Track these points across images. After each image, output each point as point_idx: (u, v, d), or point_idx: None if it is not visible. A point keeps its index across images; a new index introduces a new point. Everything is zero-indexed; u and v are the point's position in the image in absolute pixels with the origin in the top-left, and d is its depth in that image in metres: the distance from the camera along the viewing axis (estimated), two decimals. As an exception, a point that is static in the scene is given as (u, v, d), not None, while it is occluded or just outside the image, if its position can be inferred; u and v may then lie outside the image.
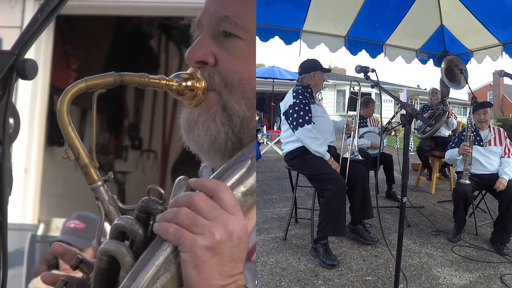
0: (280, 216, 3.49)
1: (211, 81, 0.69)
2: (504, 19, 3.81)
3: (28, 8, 3.01)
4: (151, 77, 0.68)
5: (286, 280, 2.26)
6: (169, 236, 0.57)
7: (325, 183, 2.50)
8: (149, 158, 3.49)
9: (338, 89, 17.49)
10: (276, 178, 5.40)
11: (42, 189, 3.09)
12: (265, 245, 2.77)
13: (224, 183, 0.61)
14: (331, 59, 42.78)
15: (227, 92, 0.68)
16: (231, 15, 0.68)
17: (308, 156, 2.63)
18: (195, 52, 0.69)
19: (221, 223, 0.58)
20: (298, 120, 2.62)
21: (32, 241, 2.55)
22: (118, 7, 3.02)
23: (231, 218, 0.58)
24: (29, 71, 0.56)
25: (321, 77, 2.88)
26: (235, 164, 0.64)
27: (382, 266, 2.46)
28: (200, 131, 0.69)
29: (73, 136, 0.66)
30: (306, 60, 2.96)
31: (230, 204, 0.59)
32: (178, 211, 0.58)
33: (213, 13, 0.69)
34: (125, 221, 0.63)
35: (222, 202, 0.59)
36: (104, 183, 0.68)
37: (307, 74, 2.86)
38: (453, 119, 4.63)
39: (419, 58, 5.07)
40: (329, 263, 2.41)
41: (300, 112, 2.63)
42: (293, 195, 3.02)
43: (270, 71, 10.53)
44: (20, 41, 0.57)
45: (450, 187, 4.71)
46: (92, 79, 0.65)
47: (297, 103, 2.65)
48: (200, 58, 0.69)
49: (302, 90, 2.74)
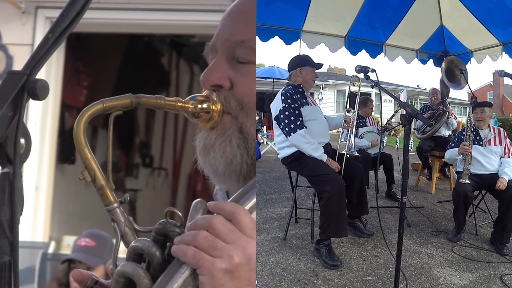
0: (280, 216, 3.49)
1: (227, 105, 0.70)
2: (504, 19, 3.81)
3: (39, 25, 3.02)
4: (167, 99, 0.68)
5: (286, 280, 2.26)
6: (187, 258, 0.58)
7: (323, 185, 2.48)
8: (160, 176, 3.51)
9: (338, 89, 17.50)
10: (276, 178, 5.40)
11: (53, 207, 3.10)
12: (265, 245, 2.77)
13: (243, 207, 0.61)
14: (331, 59, 42.77)
15: (243, 115, 0.69)
16: (246, 40, 0.69)
17: (306, 159, 2.60)
18: (211, 76, 0.70)
19: (240, 247, 0.58)
20: (290, 125, 2.54)
21: (43, 259, 2.58)
22: (129, 25, 3.02)
23: (249, 242, 0.59)
24: (40, 91, 0.56)
25: (310, 73, 2.73)
26: (252, 188, 0.65)
27: (382, 266, 2.46)
28: (216, 153, 0.70)
29: (90, 157, 0.66)
30: (294, 56, 2.86)
31: (248, 228, 0.60)
32: (197, 233, 0.59)
33: (227, 37, 0.70)
34: (142, 243, 0.64)
35: (241, 226, 0.59)
36: (120, 205, 0.68)
37: (294, 71, 2.75)
38: (453, 119, 4.63)
39: (419, 58, 5.07)
40: (332, 263, 2.41)
41: (291, 117, 2.54)
42: (293, 195, 3.02)
43: (270, 71, 10.52)
44: (31, 61, 0.57)
45: (450, 187, 4.71)
46: (108, 101, 0.65)
47: (287, 107, 2.56)
48: (216, 82, 0.70)
49: (291, 91, 2.64)
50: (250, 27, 0.70)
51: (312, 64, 2.76)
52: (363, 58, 8.06)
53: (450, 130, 4.72)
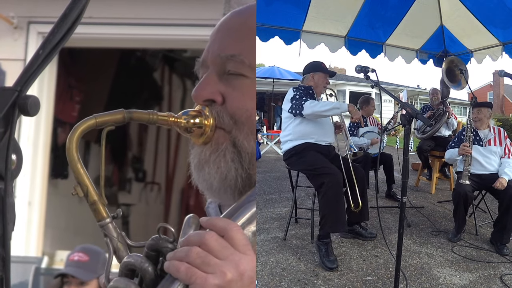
0: (280, 216, 3.49)
1: (220, 120, 0.70)
2: (504, 19, 3.81)
3: (31, 40, 3.01)
4: (159, 114, 0.68)
5: (286, 280, 2.26)
6: (180, 274, 0.58)
7: (321, 177, 2.51)
8: (152, 190, 3.51)
9: (338, 89, 17.49)
10: (276, 178, 5.40)
11: (46, 222, 3.09)
12: (265, 245, 2.77)
13: (235, 223, 0.62)
14: (331, 59, 42.74)
15: (236, 129, 0.69)
16: (237, 54, 0.69)
17: (305, 153, 2.66)
18: (202, 91, 0.70)
19: (233, 263, 0.58)
20: (300, 102, 2.62)
21: (36, 274, 2.57)
22: (121, 40, 3.01)
23: (242, 258, 0.59)
24: (31, 108, 0.56)
25: (321, 79, 2.86)
26: (245, 204, 0.65)
27: (382, 266, 2.46)
28: (211, 169, 0.69)
29: (82, 172, 0.66)
30: (309, 62, 2.97)
31: (241, 244, 0.60)
32: (190, 250, 0.59)
33: (217, 52, 0.70)
34: (135, 259, 0.64)
35: (234, 242, 0.59)
36: (112, 220, 0.68)
37: (307, 75, 2.89)
38: (453, 120, 4.63)
39: (419, 58, 5.06)
40: (329, 265, 2.39)
41: (302, 97, 2.66)
42: (293, 195, 3.02)
43: (270, 71, 10.52)
44: (23, 77, 0.57)
45: (450, 187, 4.71)
46: (101, 116, 0.65)
47: (299, 94, 2.70)
48: (208, 97, 0.70)
49: (302, 89, 2.77)
50: (240, 41, 0.69)
51: (324, 71, 2.89)
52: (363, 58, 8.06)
53: (450, 130, 4.72)
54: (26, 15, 2.98)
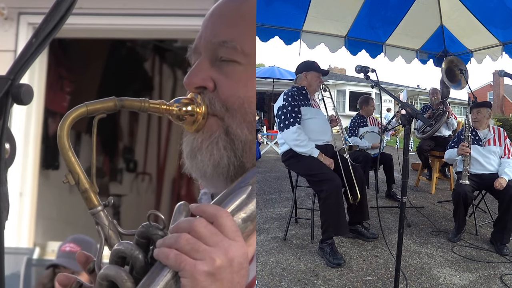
0: (280, 216, 3.49)
1: (212, 107, 0.69)
2: (504, 19, 3.81)
3: (21, 31, 2.99)
4: (151, 102, 0.68)
5: (286, 280, 2.26)
6: (169, 261, 0.58)
7: (320, 184, 2.53)
8: (144, 181, 3.49)
9: (338, 89, 17.50)
10: (276, 178, 5.40)
11: (38, 213, 3.07)
12: (265, 245, 2.77)
13: (225, 209, 0.61)
14: (331, 59, 42.81)
15: (229, 116, 0.69)
16: (228, 40, 0.68)
17: (301, 156, 2.66)
18: (194, 77, 0.69)
19: (222, 249, 0.58)
20: (284, 122, 2.65)
21: (28, 265, 2.56)
22: (111, 30, 2.99)
23: (232, 244, 0.59)
24: (24, 96, 0.56)
25: (314, 78, 2.85)
26: (236, 190, 0.64)
27: (382, 266, 2.46)
28: (203, 156, 0.69)
29: (74, 161, 0.66)
30: (302, 62, 2.95)
31: (230, 230, 0.59)
32: (179, 236, 0.58)
33: (210, 39, 0.69)
34: (125, 247, 0.63)
35: (223, 228, 0.59)
36: (104, 208, 0.68)
37: (300, 74, 2.87)
38: (453, 120, 4.63)
39: (419, 58, 5.07)
40: (336, 262, 2.43)
41: (287, 114, 2.64)
42: (293, 195, 3.02)
43: (270, 71, 10.52)
44: (15, 66, 0.57)
45: (450, 187, 4.71)
46: (92, 104, 0.64)
47: (286, 105, 2.67)
48: (199, 84, 0.69)
49: (294, 92, 2.75)
50: (233, 27, 0.69)
51: (317, 70, 2.87)
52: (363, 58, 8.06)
53: (450, 130, 4.72)
54: (16, 6, 2.96)
